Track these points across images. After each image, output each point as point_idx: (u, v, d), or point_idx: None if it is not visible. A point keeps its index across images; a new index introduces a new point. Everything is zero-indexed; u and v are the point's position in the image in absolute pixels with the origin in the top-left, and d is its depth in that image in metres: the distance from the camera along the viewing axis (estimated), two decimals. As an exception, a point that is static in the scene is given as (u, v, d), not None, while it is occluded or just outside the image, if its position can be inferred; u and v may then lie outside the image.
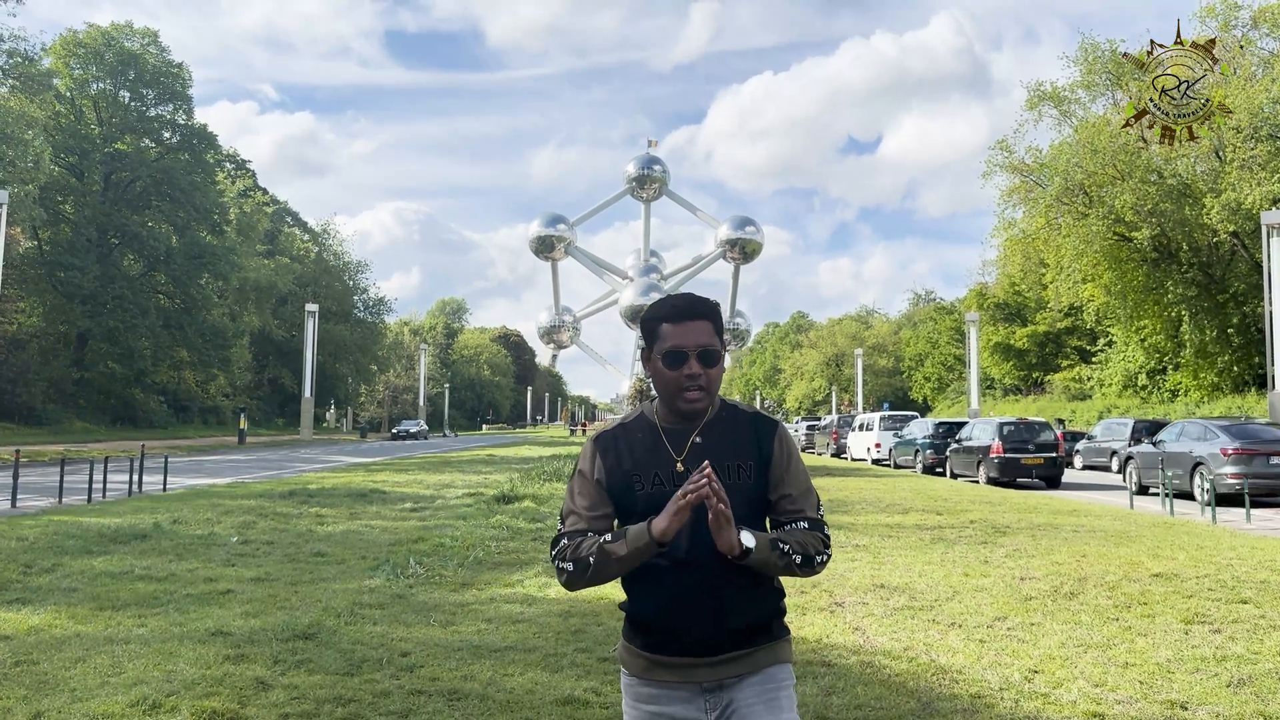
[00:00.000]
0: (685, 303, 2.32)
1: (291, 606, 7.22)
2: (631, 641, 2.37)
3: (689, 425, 2.33)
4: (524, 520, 12.87)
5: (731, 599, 2.25)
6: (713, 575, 2.22)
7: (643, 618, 2.33)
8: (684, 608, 2.25)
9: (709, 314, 2.32)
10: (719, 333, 2.33)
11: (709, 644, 2.26)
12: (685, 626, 2.26)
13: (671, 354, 2.27)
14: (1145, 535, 11.98)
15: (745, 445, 2.32)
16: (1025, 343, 61.31)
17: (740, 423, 2.35)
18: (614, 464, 2.34)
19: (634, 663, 2.36)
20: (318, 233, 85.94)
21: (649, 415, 2.38)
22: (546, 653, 5.91)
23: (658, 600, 2.27)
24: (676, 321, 2.29)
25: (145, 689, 4.99)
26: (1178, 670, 5.61)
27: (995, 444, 23.90)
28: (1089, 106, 45.04)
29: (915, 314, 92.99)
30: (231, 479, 22.31)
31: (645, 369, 2.36)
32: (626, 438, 2.37)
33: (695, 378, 2.27)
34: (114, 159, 54.47)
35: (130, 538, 10.88)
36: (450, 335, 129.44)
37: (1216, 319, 40.73)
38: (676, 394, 2.29)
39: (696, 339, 2.27)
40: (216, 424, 65.49)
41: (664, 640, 2.30)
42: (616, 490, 2.33)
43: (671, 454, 2.30)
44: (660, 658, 2.31)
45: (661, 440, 2.32)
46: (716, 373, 2.31)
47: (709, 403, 2.31)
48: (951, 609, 7.37)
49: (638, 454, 2.33)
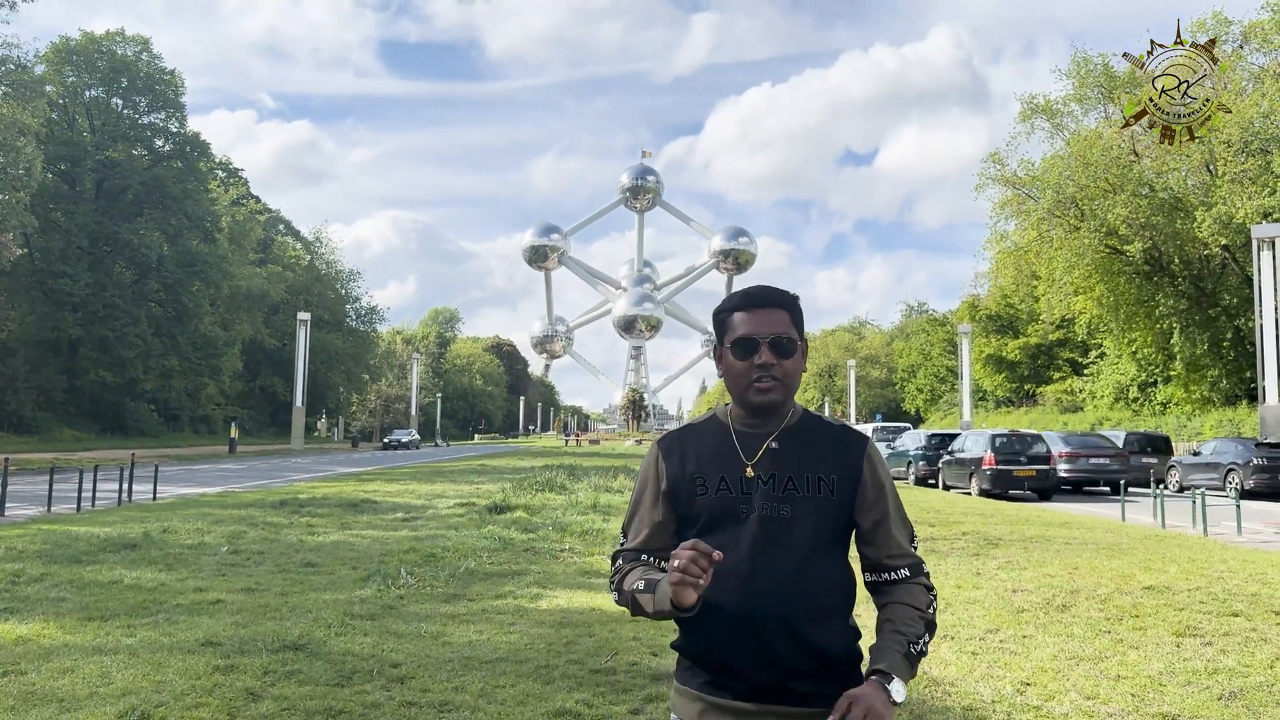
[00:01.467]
0: (759, 291, 2.13)
1: (282, 617, 7.19)
2: (687, 684, 2.09)
3: (765, 428, 2.10)
4: (516, 531, 12.83)
5: (798, 633, 1.98)
6: (777, 602, 1.97)
7: (693, 653, 2.07)
8: (741, 640, 1.98)
9: (786, 304, 2.12)
10: (798, 325, 2.11)
11: (773, 688, 1.99)
12: (748, 664, 1.99)
13: (742, 342, 2.07)
14: (1137, 548, 11.99)
15: (830, 458, 2.07)
16: (1017, 355, 61.53)
17: (825, 434, 2.12)
18: (678, 467, 2.12)
19: (686, 707, 2.08)
20: (310, 241, 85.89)
21: (722, 417, 2.16)
22: (538, 664, 5.89)
23: (711, 629, 2.00)
24: (749, 309, 2.09)
25: (134, 699, 4.96)
26: (1169, 683, 5.61)
27: (988, 456, 23.94)
28: (1081, 120, 45.35)
29: (908, 325, 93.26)
30: (222, 488, 22.21)
31: (718, 369, 2.15)
32: (694, 438, 2.16)
33: (768, 367, 2.04)
34: (106, 166, 54.39)
35: (120, 547, 10.82)
36: (443, 344, 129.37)
37: (1208, 332, 40.92)
38: (747, 387, 2.06)
39: (770, 327, 2.06)
40: (207, 433, 65.28)
41: (720, 679, 2.02)
42: (680, 496, 2.10)
43: (742, 457, 2.07)
44: (716, 699, 2.03)
45: (732, 441, 2.10)
46: (793, 365, 2.07)
47: (785, 396, 2.08)
48: (944, 621, 7.36)
49: (704, 456, 2.10)
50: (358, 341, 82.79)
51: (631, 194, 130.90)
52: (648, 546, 2.15)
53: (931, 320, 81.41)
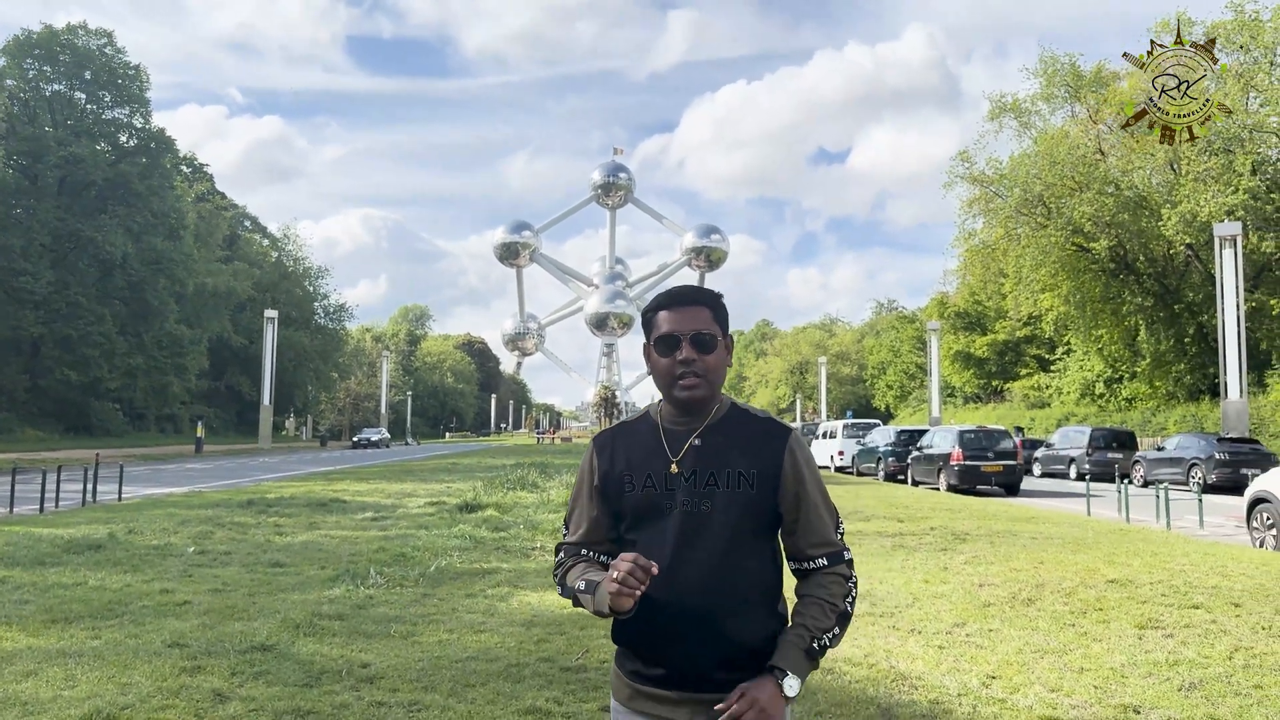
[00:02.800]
0: (682, 290, 2.20)
1: (249, 618, 7.13)
2: (621, 668, 2.21)
3: (691, 425, 2.16)
4: (487, 530, 12.80)
5: (723, 623, 2.05)
6: (703, 595, 2.05)
7: (625, 642, 2.17)
8: (668, 631, 2.07)
9: (707, 301, 2.18)
10: (720, 322, 2.17)
11: (697, 676, 2.07)
12: (670, 653, 2.08)
13: (665, 339, 2.13)
14: (1102, 542, 12.17)
15: (751, 453, 2.12)
16: (985, 351, 62.14)
17: (748, 428, 2.16)
18: (608, 464, 2.20)
19: (620, 689, 2.21)
20: (278, 238, 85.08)
21: (653, 414, 2.23)
22: (509, 663, 5.89)
23: (641, 625, 2.07)
24: (672, 308, 2.16)
25: (99, 702, 4.91)
26: (1131, 675, 5.70)
27: (955, 451, 24.17)
28: (1049, 118, 45.86)
29: (878, 323, 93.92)
30: (188, 488, 21.98)
31: (646, 366, 2.22)
32: (625, 437, 2.23)
33: (689, 363, 2.10)
34: (69, 162, 53.56)
35: (84, 548, 10.68)
36: (413, 342, 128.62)
37: (1172, 329, 41.53)
38: (671, 383, 2.13)
39: (691, 324, 2.12)
40: (174, 432, 64.53)
41: (647, 668, 2.12)
42: (610, 492, 2.19)
43: (667, 453, 2.13)
44: (643, 688, 2.13)
45: (659, 439, 2.16)
46: (714, 360, 2.13)
47: (707, 392, 2.13)
48: (911, 615, 7.44)
49: (634, 453, 2.18)
50: (326, 339, 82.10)
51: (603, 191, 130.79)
52: (587, 540, 2.25)
53: (901, 318, 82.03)
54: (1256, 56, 36.44)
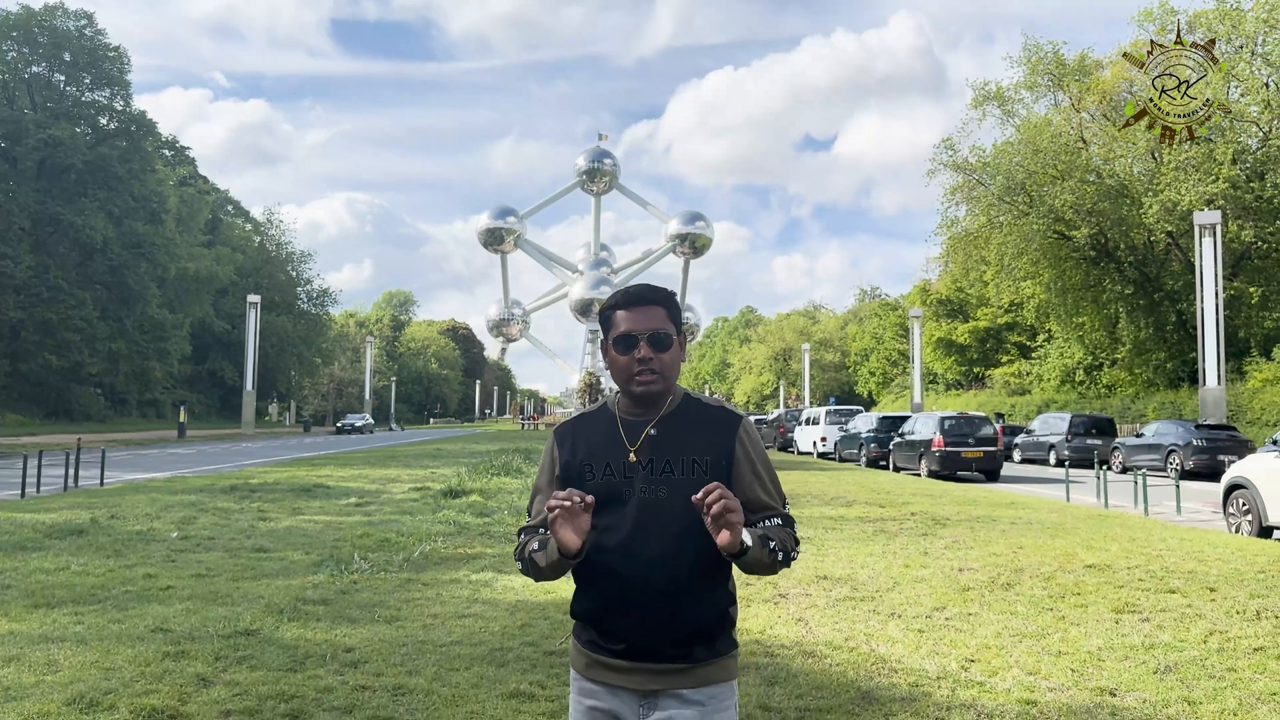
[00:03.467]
0: (638, 290, 2.33)
1: (233, 603, 7.14)
2: (578, 638, 2.35)
3: (647, 416, 2.30)
4: (471, 515, 12.82)
5: (676, 601, 2.19)
6: (658, 575, 2.18)
7: (584, 615, 2.30)
8: (625, 608, 2.20)
9: (662, 301, 2.32)
10: (674, 320, 2.31)
11: (649, 649, 2.21)
12: (625, 627, 2.21)
13: (623, 338, 2.27)
14: (1080, 527, 12.30)
15: (704, 441, 2.27)
16: (967, 338, 62.42)
17: (701, 417, 2.31)
18: (569, 453, 2.33)
19: (578, 659, 2.34)
20: (260, 222, 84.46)
21: (610, 406, 2.37)
22: (493, 647, 5.92)
23: (599, 598, 2.23)
24: (629, 307, 2.29)
25: (82, 687, 4.91)
26: (1108, 658, 5.79)
27: (937, 438, 24.32)
28: (1032, 106, 45.89)
29: (861, 309, 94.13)
30: (171, 473, 21.89)
31: (605, 361, 2.34)
32: (584, 427, 2.36)
33: (647, 361, 2.25)
34: (48, 145, 52.97)
35: (66, 533, 10.65)
36: (397, 328, 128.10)
37: (1152, 317, 41.82)
38: (629, 379, 2.27)
39: (648, 323, 2.26)
40: (156, 417, 64.15)
41: (604, 640, 2.26)
42: (572, 480, 2.30)
43: (625, 443, 2.27)
44: (599, 657, 2.27)
45: (618, 430, 2.30)
46: (670, 358, 2.28)
47: (663, 387, 2.28)
48: (892, 600, 7.51)
49: (593, 443, 2.31)
50: (309, 324, 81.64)
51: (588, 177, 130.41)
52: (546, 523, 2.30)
53: (884, 305, 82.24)
54: (1238, 45, 36.61)
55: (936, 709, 4.79)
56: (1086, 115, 43.75)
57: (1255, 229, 36.34)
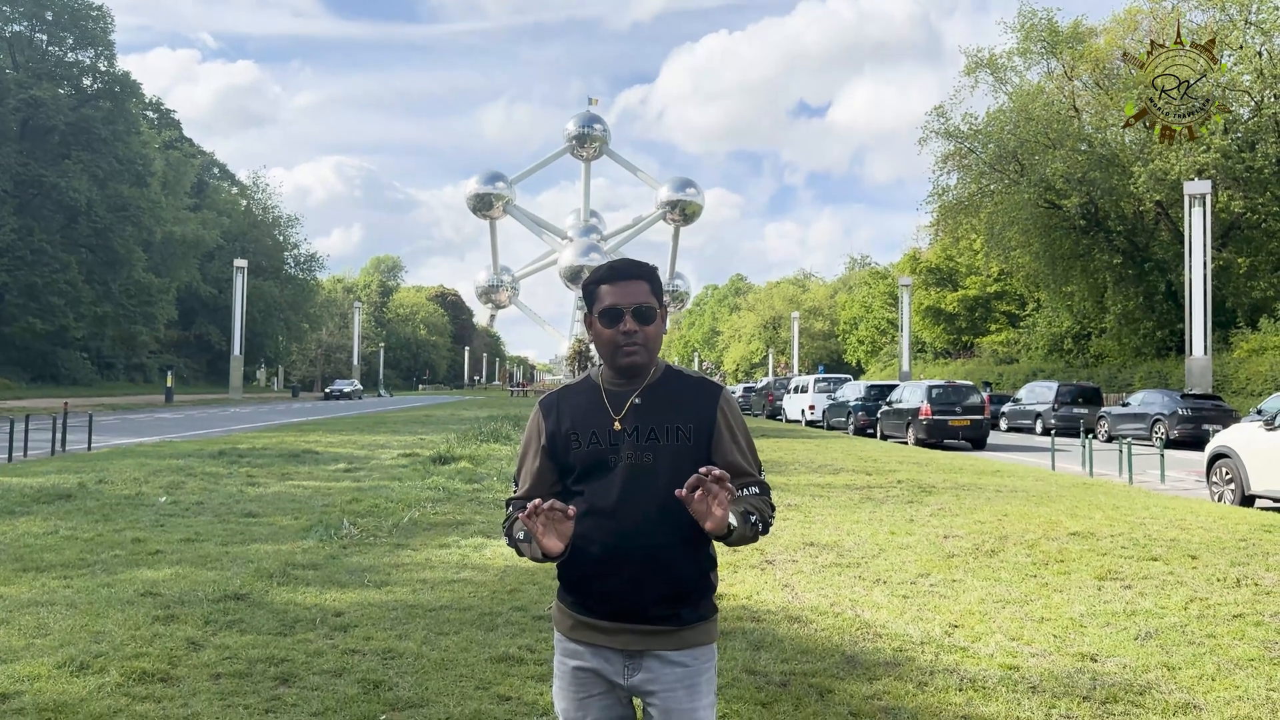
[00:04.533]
0: (622, 264, 2.39)
1: (222, 567, 7.16)
2: (562, 600, 2.41)
3: (631, 386, 2.36)
4: (460, 481, 12.85)
5: (662, 564, 2.26)
6: (644, 538, 2.24)
7: (570, 578, 2.36)
8: (612, 570, 2.26)
9: (645, 275, 2.38)
10: (656, 294, 2.37)
11: (635, 610, 2.28)
12: (611, 589, 2.28)
13: (608, 312, 2.32)
14: (1065, 495, 12.41)
15: (687, 409, 2.34)
16: (956, 307, 62.53)
17: (683, 387, 2.38)
18: (555, 425, 2.38)
19: (562, 620, 2.41)
20: (247, 186, 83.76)
21: (594, 377, 2.43)
22: (481, 611, 5.96)
23: (587, 561, 2.27)
24: (613, 282, 2.34)
25: (72, 650, 4.93)
26: (1090, 624, 5.86)
27: (924, 406, 24.44)
28: (1024, 74, 45.72)
29: (851, 278, 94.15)
30: (159, 438, 21.86)
31: (589, 334, 2.40)
32: (569, 398, 2.42)
33: (631, 334, 2.31)
34: (30, 106, 52.25)
35: (54, 498, 10.64)
36: (385, 294, 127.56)
37: (1140, 286, 41.95)
38: (614, 351, 2.33)
39: (632, 297, 2.32)
40: (143, 382, 63.94)
41: (589, 601, 2.32)
42: (558, 450, 2.37)
43: (610, 412, 2.33)
44: (584, 618, 2.34)
45: (602, 400, 2.36)
46: (653, 331, 2.34)
47: (646, 359, 2.34)
48: (877, 566, 7.58)
49: (578, 414, 2.37)
50: (297, 289, 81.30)
51: (578, 142, 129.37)
52: (533, 494, 2.39)
53: (873, 273, 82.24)
54: (1232, 14, 36.45)
55: (920, 673, 4.85)
56: (1079, 83, 43.60)
57: (1245, 199, 36.38)
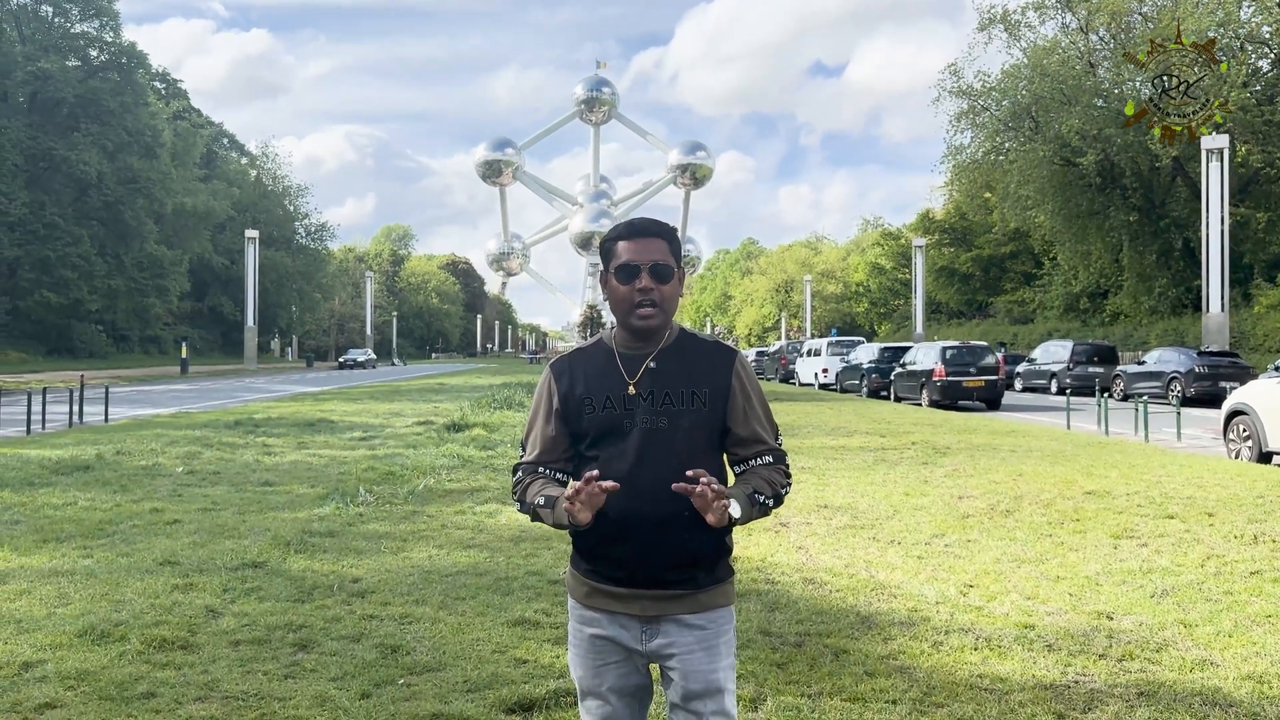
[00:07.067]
0: (641, 222, 2.33)
1: (240, 536, 7.21)
2: (576, 567, 2.38)
3: (645, 349, 2.30)
4: (475, 448, 12.90)
5: (675, 530, 2.22)
6: (660, 503, 2.19)
7: (585, 544, 2.33)
8: (627, 535, 2.23)
9: (665, 234, 2.32)
10: (675, 255, 2.31)
11: (649, 576, 2.25)
12: (627, 554, 2.25)
13: (624, 268, 2.26)
14: (1080, 455, 12.36)
15: (702, 374, 2.29)
16: (970, 267, 62.06)
17: (698, 351, 2.33)
18: (568, 388, 2.33)
19: (577, 588, 2.38)
20: (256, 156, 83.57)
21: (607, 340, 2.37)
22: (498, 576, 5.98)
23: (602, 527, 2.21)
24: (631, 238, 2.28)
25: (93, 619, 4.98)
26: (1105, 582, 5.85)
27: (938, 368, 24.34)
28: (1038, 29, 45.02)
29: (863, 240, 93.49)
30: (175, 409, 22.00)
31: (604, 292, 2.33)
32: (582, 362, 2.36)
33: (647, 292, 2.24)
34: (38, 79, 52.15)
35: (73, 469, 10.73)
36: (397, 263, 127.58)
37: (1156, 243, 41.53)
38: (629, 310, 2.27)
39: (650, 255, 2.26)
40: (158, 354, 64.30)
41: (605, 568, 2.30)
42: (571, 415, 2.32)
43: (624, 376, 2.28)
44: (600, 585, 2.31)
45: (615, 363, 2.30)
46: (670, 290, 2.28)
47: (662, 320, 2.29)
48: (892, 527, 7.58)
49: (591, 378, 2.31)
50: (308, 259, 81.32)
51: (586, 106, 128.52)
52: (543, 459, 2.38)
53: (886, 234, 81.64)
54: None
55: (935, 633, 4.85)
56: (1095, 38, 42.91)
57: (1264, 153, 35.88)
